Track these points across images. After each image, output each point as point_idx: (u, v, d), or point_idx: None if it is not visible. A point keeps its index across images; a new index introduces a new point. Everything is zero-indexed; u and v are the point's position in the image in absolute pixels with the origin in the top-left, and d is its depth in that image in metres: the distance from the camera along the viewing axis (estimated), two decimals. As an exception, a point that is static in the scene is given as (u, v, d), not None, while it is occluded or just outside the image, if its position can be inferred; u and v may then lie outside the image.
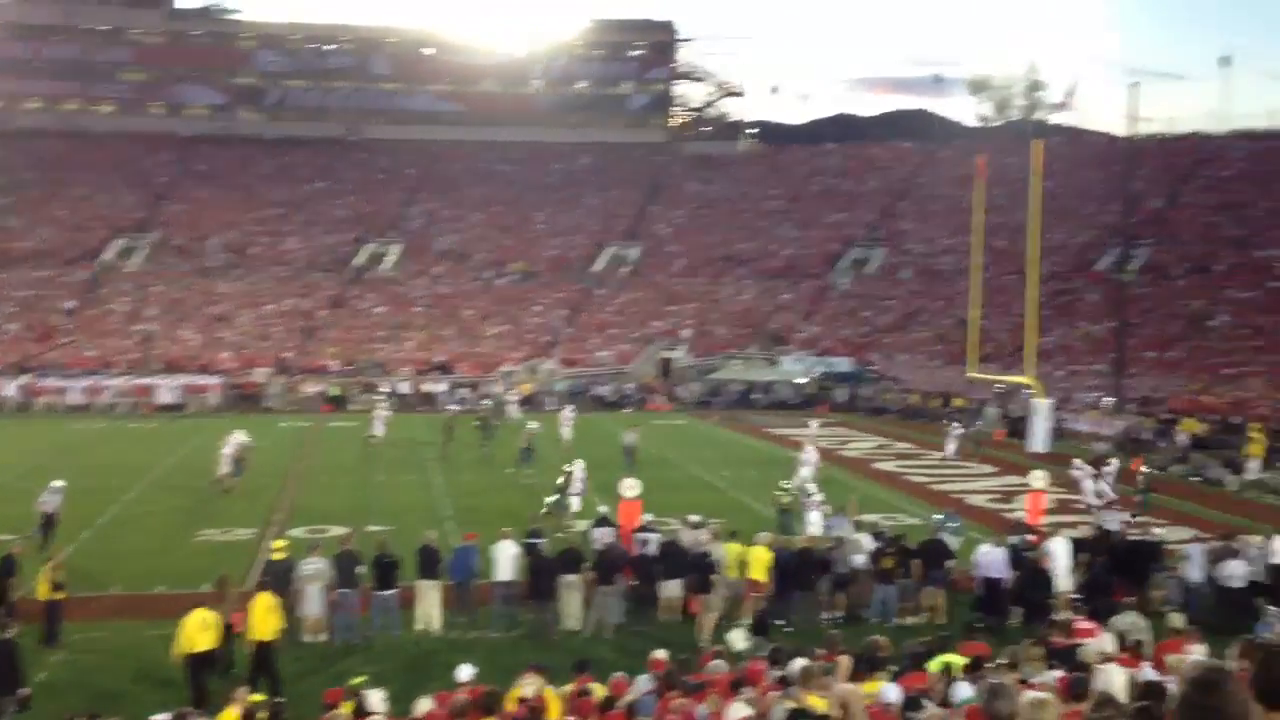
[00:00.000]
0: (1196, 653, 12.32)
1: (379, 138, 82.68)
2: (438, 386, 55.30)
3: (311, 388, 54.61)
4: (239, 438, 31.93)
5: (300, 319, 62.75)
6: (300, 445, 40.52)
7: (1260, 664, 3.28)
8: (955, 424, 39.60)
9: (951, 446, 37.80)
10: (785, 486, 26.24)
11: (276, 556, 18.35)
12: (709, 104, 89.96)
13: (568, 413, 40.26)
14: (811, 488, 25.23)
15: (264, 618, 15.34)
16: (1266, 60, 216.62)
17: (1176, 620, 14.62)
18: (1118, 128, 54.00)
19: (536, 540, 19.69)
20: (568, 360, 59.25)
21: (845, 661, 12.17)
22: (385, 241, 72.34)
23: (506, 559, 18.89)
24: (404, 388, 55.06)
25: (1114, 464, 29.70)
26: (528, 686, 11.90)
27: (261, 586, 16.60)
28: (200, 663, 14.68)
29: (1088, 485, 27.93)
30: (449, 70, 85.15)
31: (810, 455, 30.87)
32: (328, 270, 68.87)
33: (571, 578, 18.87)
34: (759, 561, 19.35)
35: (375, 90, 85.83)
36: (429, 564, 18.77)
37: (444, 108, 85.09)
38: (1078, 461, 29.77)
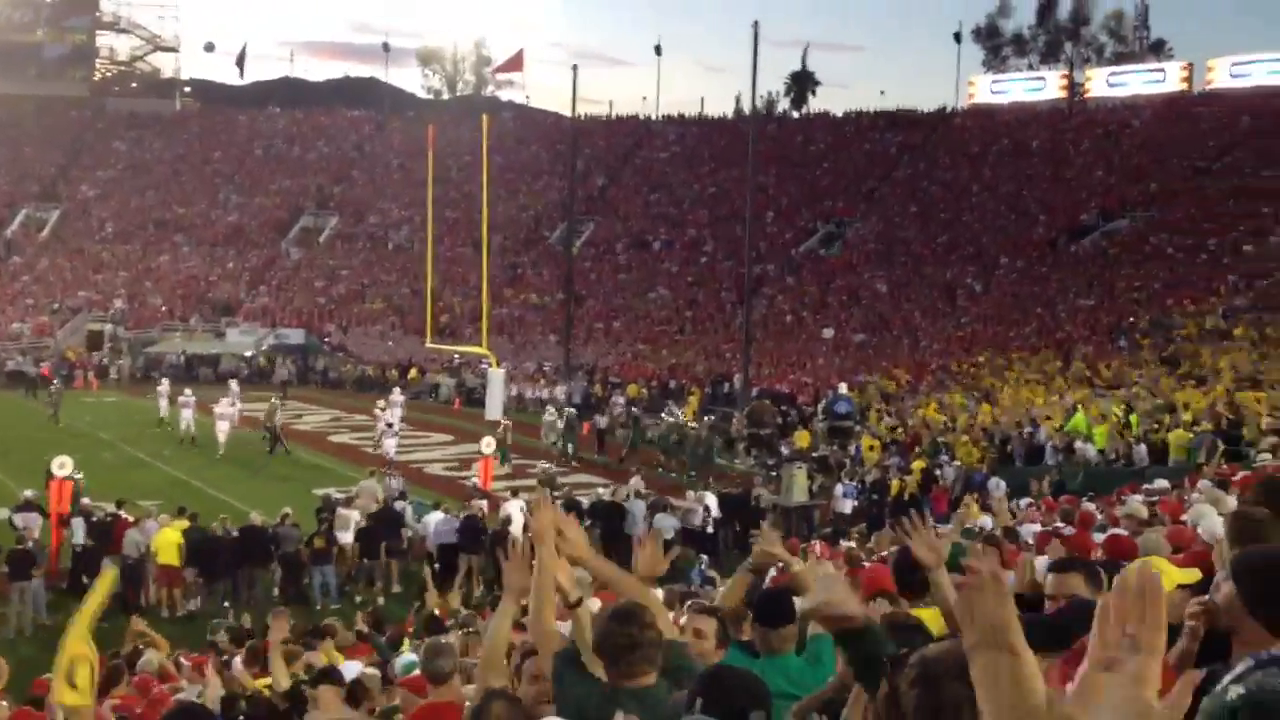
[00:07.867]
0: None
1: None
2: None
3: None
4: None
5: None
6: None
7: None
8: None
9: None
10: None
11: None
12: (138, 58, 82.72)
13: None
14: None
15: None
16: (694, 50, 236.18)
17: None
18: (565, 107, 55.40)
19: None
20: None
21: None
22: None
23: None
24: None
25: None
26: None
27: None
28: None
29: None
30: None
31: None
32: None
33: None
34: (167, 545, 18.18)
35: None
36: None
37: None
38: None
